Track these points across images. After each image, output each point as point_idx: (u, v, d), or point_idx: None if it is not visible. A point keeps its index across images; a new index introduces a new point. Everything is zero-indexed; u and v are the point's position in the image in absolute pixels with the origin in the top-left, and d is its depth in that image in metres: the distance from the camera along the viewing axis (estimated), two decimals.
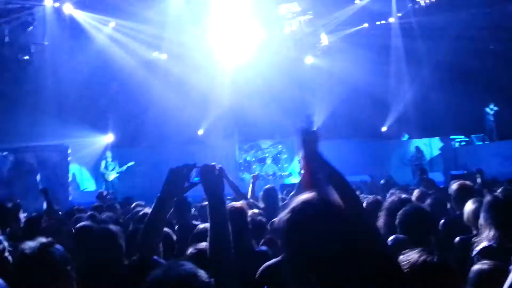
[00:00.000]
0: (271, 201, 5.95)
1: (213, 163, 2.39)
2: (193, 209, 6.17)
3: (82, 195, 15.53)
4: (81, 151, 16.86)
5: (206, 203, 2.41)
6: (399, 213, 3.39)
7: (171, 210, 4.93)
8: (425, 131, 18.15)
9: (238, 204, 3.96)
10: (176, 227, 4.84)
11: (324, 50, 18.02)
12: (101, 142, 17.43)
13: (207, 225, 2.34)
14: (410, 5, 16.81)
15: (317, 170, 2.24)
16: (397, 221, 3.34)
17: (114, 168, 16.42)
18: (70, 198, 14.28)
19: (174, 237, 3.69)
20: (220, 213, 2.27)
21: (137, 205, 6.95)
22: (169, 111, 16.97)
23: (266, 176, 16.94)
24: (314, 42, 18.07)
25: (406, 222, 3.30)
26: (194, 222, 5.11)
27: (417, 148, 17.84)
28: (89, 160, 17.58)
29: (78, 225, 4.32)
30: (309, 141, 2.38)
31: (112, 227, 3.20)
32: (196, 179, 2.44)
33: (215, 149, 17.45)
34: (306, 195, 1.76)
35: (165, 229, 3.12)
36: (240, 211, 3.81)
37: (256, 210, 4.70)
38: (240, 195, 6.11)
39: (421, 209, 3.49)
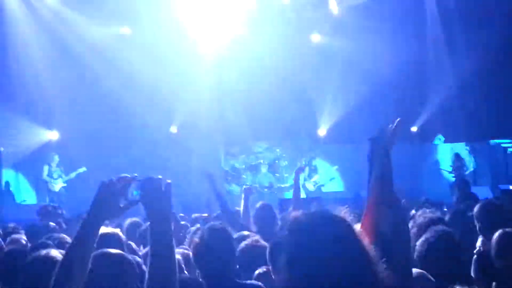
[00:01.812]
0: (267, 222, 5.92)
1: (159, 176, 2.40)
2: None
3: (18, 210, 15.44)
4: (17, 153, 16.79)
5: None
6: (419, 241, 3.39)
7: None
8: (466, 133, 18.22)
9: (218, 225, 3.98)
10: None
11: (336, 24, 18.01)
12: (44, 142, 17.37)
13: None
14: None
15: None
16: (416, 252, 3.33)
17: (61, 175, 16.33)
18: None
19: None
20: (164, 240, 2.29)
21: None
22: (134, 103, 16.93)
23: (260, 189, 16.90)
24: (322, 12, 18.08)
25: (427, 254, 3.30)
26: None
27: (457, 155, 17.92)
28: (28, 165, 17.51)
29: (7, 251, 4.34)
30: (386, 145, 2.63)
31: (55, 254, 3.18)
32: (136, 193, 2.42)
33: (194, 153, 17.42)
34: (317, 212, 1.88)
35: None
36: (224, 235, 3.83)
37: (246, 232, 4.70)
38: (227, 213, 6.09)
39: (449, 236, 3.47)
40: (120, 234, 4.87)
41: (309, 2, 17.83)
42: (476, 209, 4.85)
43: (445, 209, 7.27)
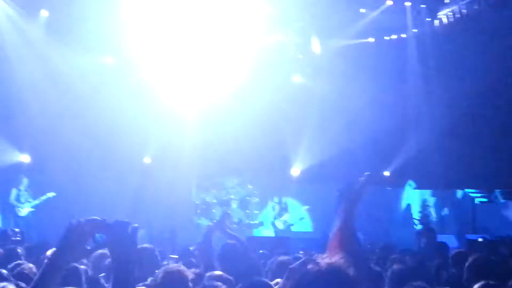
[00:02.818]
0: (233, 264, 5.64)
1: (126, 220, 2.41)
2: None
3: None
4: None
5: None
6: None
7: None
8: (437, 181, 18.40)
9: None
10: None
11: (317, 66, 18.22)
12: (14, 164, 17.12)
13: None
14: (428, 19, 17.33)
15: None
16: None
17: (28, 199, 16.05)
18: None
19: None
20: (126, 283, 2.30)
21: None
22: (110, 130, 16.84)
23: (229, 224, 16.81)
24: (305, 54, 18.32)
25: None
26: None
27: (424, 203, 18.08)
28: None
29: None
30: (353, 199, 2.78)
31: None
32: (98, 237, 2.41)
33: (166, 184, 17.30)
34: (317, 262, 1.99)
35: None
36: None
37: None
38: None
39: None
40: (81, 266, 4.80)
41: (292, 43, 18.05)
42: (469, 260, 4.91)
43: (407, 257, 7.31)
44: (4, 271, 5.05)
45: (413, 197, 18.77)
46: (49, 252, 6.96)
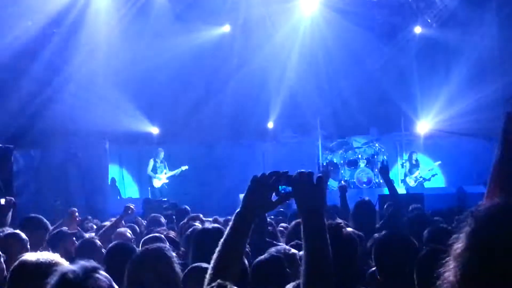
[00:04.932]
0: (366, 219, 5.81)
1: (309, 171, 2.39)
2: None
3: (122, 205, 15.95)
4: (121, 149, 17.40)
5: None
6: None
7: None
8: None
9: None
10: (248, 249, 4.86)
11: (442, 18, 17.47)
12: (146, 135, 17.87)
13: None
14: None
15: None
16: None
17: (165, 171, 16.65)
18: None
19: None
20: (320, 238, 2.27)
21: (192, 219, 7.07)
22: (227, 98, 17.20)
23: (358, 184, 16.68)
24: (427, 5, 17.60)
25: None
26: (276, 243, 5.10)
27: None
28: (132, 159, 18.14)
29: (113, 245, 4.57)
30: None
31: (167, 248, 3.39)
32: (285, 188, 2.42)
33: (291, 147, 17.46)
34: (494, 202, 1.67)
35: None
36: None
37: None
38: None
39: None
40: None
41: None
42: None
43: None
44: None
45: None
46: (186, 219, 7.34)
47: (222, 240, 2.43)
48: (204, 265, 2.81)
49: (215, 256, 2.42)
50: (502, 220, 1.58)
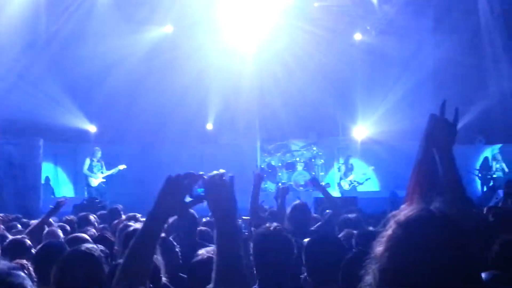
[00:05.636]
0: (301, 222, 5.86)
1: (221, 171, 2.38)
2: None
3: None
4: (56, 146, 17.04)
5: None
6: None
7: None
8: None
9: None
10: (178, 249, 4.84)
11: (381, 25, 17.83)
12: (82, 134, 17.57)
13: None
14: None
15: (440, 174, 2.38)
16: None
17: (101, 170, 16.41)
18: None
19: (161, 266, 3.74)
20: (231, 239, 2.28)
21: (128, 219, 7.00)
22: (169, 99, 17.09)
23: (295, 187, 16.86)
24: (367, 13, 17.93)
25: None
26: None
27: (486, 159, 17.74)
28: (66, 158, 17.77)
29: (43, 244, 4.45)
30: (445, 132, 2.49)
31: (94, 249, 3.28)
32: (200, 190, 2.39)
33: (230, 150, 17.46)
34: (415, 207, 1.74)
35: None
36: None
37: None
38: (255, 209, 6.10)
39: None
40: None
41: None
42: None
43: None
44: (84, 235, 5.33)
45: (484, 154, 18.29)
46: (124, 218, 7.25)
47: (133, 239, 2.36)
48: None
49: (125, 255, 2.35)
50: (419, 227, 1.67)
